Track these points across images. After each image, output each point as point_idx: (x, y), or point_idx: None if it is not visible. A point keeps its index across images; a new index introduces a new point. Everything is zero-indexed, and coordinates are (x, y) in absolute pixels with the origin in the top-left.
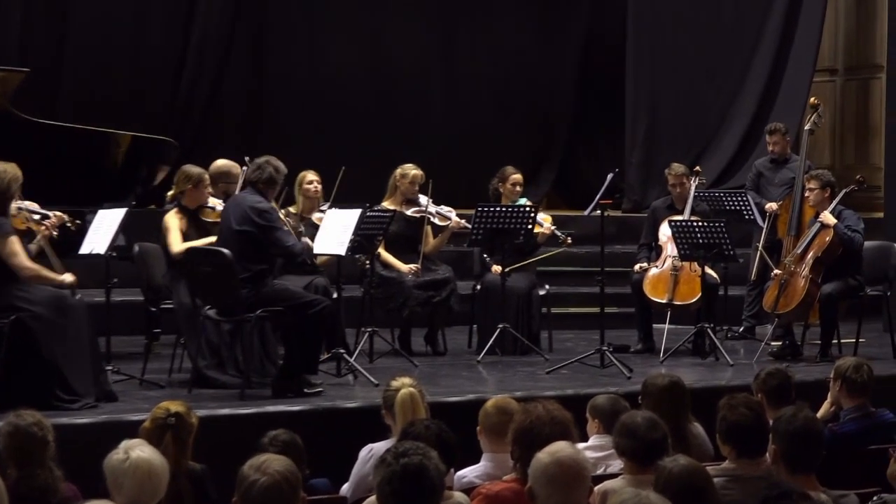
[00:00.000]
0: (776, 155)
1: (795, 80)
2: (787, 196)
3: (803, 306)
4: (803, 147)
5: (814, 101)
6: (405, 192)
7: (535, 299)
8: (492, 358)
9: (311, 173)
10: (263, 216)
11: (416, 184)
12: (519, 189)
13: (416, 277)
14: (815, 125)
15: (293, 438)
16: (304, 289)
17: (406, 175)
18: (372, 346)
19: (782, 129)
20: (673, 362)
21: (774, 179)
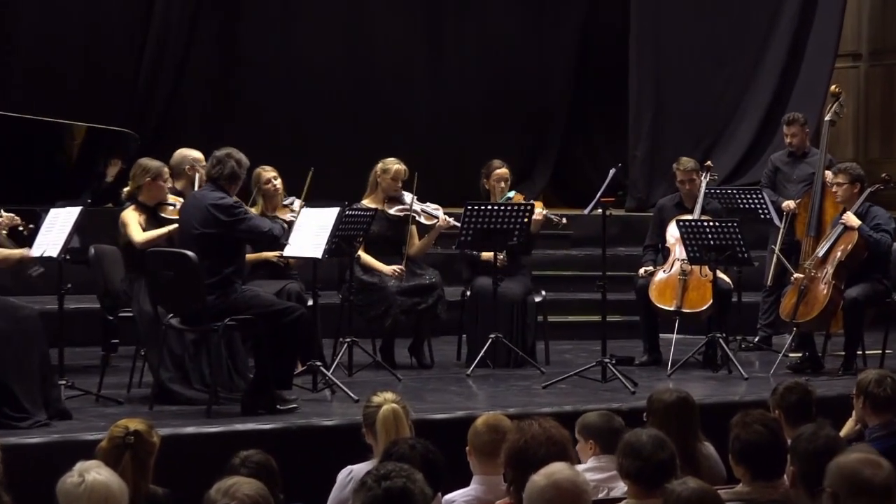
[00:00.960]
0: (794, 148)
1: (815, 66)
2: (806, 193)
3: (825, 315)
4: (824, 139)
5: (835, 88)
6: (387, 188)
7: (531, 306)
8: (483, 371)
9: (268, 170)
10: (230, 212)
11: (398, 180)
12: (504, 185)
13: (399, 281)
14: (836, 115)
15: (267, 460)
16: (276, 295)
17: (388, 170)
18: (351, 357)
19: (801, 119)
20: (681, 376)
21: (792, 175)
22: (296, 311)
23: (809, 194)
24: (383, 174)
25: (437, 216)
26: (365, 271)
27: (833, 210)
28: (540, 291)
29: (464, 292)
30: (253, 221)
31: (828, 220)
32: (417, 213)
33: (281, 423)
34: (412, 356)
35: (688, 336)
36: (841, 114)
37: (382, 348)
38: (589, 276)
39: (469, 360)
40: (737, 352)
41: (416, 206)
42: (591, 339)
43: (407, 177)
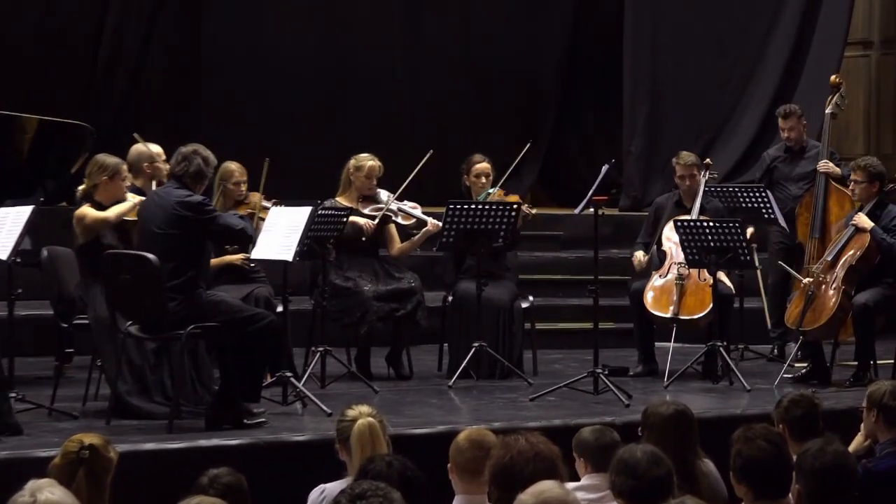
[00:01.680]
0: (791, 143)
1: (823, 55)
2: (808, 192)
3: (834, 322)
4: (825, 134)
5: (835, 79)
6: (361, 187)
7: (517, 313)
8: (466, 382)
9: (239, 171)
10: (200, 210)
11: (373, 177)
12: (485, 181)
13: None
14: (837, 108)
15: (239, 482)
16: (243, 300)
17: (361, 167)
18: (324, 368)
19: (797, 111)
20: (679, 387)
21: (791, 173)
22: (264, 317)
23: (812, 193)
24: (356, 171)
25: (415, 216)
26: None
27: (838, 210)
28: (527, 297)
29: (445, 297)
30: (225, 219)
31: (832, 220)
32: (394, 212)
33: (248, 439)
34: (390, 366)
35: (686, 345)
36: (843, 106)
37: (357, 358)
38: (580, 280)
39: (451, 371)
40: (738, 362)
41: (393, 204)
42: (582, 348)
43: (381, 174)
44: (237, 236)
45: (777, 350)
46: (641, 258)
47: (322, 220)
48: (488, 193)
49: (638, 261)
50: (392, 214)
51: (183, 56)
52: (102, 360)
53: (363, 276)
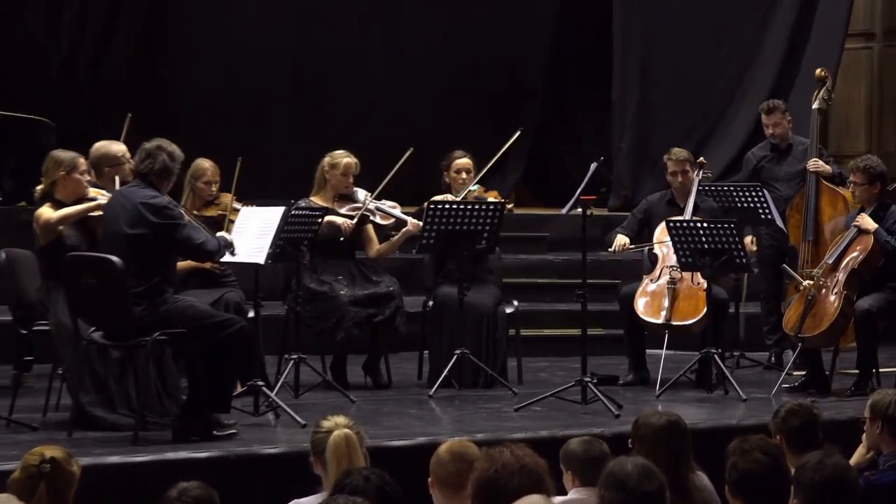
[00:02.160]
0: (777, 140)
1: (822, 47)
2: (799, 193)
3: (835, 328)
4: (813, 131)
5: (820, 72)
6: (336, 185)
7: (501, 318)
8: (447, 391)
9: (213, 170)
10: (162, 213)
11: (349, 175)
12: (466, 177)
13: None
14: (824, 102)
15: (210, 496)
16: (212, 306)
17: (336, 165)
18: (298, 376)
19: (782, 106)
20: (671, 397)
21: (780, 172)
22: (235, 323)
23: (803, 194)
24: (331, 169)
25: (394, 215)
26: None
27: (831, 210)
28: (512, 301)
29: (425, 302)
30: (187, 230)
31: (825, 221)
32: (371, 212)
33: (218, 452)
34: (367, 375)
35: (678, 352)
36: (830, 100)
37: (333, 366)
38: (567, 284)
39: (431, 380)
40: (734, 370)
41: (371, 203)
42: (570, 356)
43: (358, 171)
44: (196, 251)
45: (774, 358)
46: (625, 241)
47: (296, 220)
48: (470, 191)
49: (620, 243)
50: (370, 214)
51: (148, 47)
52: (64, 369)
53: (339, 279)
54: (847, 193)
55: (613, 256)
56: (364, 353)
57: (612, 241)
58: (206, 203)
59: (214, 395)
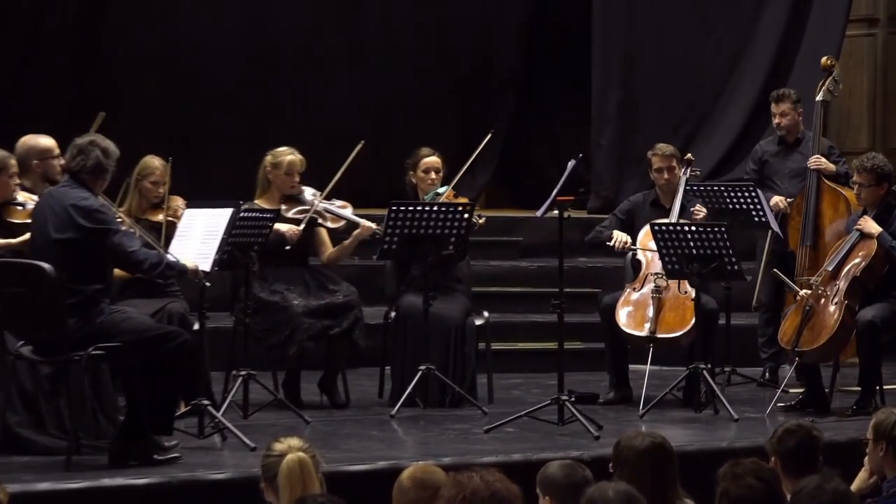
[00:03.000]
0: (784, 132)
1: (822, 34)
2: (800, 194)
3: (835, 342)
4: (817, 124)
5: (827, 61)
6: (281, 185)
7: (470, 331)
8: (411, 411)
9: (163, 169)
10: (93, 217)
11: (294, 173)
12: (434, 177)
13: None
14: (829, 94)
15: None
16: (153, 317)
17: (279, 163)
18: (247, 395)
19: (792, 95)
20: (657, 417)
21: (784, 168)
22: (178, 337)
23: (803, 193)
24: (274, 169)
25: (344, 216)
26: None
27: (832, 212)
28: (482, 312)
29: (387, 313)
30: (119, 236)
31: (825, 224)
32: (321, 214)
33: (159, 477)
34: (323, 393)
35: (664, 367)
36: (836, 92)
37: (286, 383)
38: (542, 293)
39: (393, 398)
40: (724, 387)
41: (320, 205)
42: (545, 372)
43: (304, 168)
44: (125, 260)
45: (769, 373)
46: (627, 238)
47: (245, 223)
48: (437, 193)
49: (622, 240)
50: (319, 216)
51: (82, 38)
52: None
53: (292, 288)
54: (850, 194)
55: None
56: (320, 368)
57: (612, 238)
58: (153, 206)
59: (155, 415)
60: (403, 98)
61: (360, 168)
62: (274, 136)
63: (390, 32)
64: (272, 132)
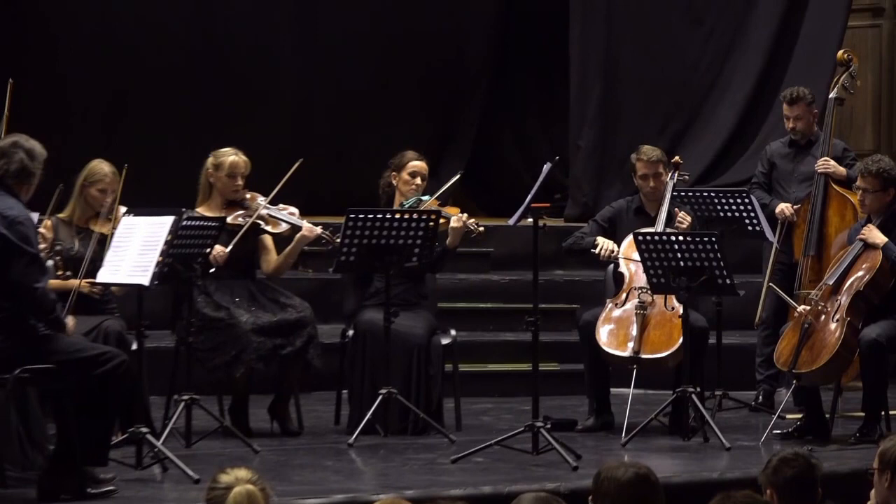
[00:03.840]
0: (797, 135)
1: (822, 24)
2: (806, 200)
3: (836, 362)
4: (829, 124)
5: (843, 54)
6: (224, 189)
7: (436, 351)
8: (371, 439)
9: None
10: (14, 228)
11: (237, 176)
12: (420, 184)
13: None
14: (844, 91)
15: None
16: (87, 336)
17: (221, 164)
18: (189, 421)
19: (808, 96)
20: (641, 445)
21: (794, 172)
22: (114, 358)
23: (809, 200)
24: (215, 171)
25: (285, 220)
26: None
27: (839, 220)
28: (448, 330)
29: (344, 331)
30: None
31: (832, 233)
32: (264, 219)
33: None
34: (273, 419)
35: (649, 391)
36: (852, 88)
37: (232, 408)
38: (515, 309)
39: (351, 425)
40: (716, 412)
41: (263, 210)
42: (519, 396)
43: (248, 171)
44: (20, 294)
45: (764, 397)
46: (614, 246)
47: (187, 232)
48: (419, 200)
49: (608, 248)
50: (262, 221)
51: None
52: None
53: (239, 303)
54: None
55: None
56: (270, 392)
57: (596, 245)
58: (98, 215)
59: (89, 444)
60: (360, 100)
61: (315, 172)
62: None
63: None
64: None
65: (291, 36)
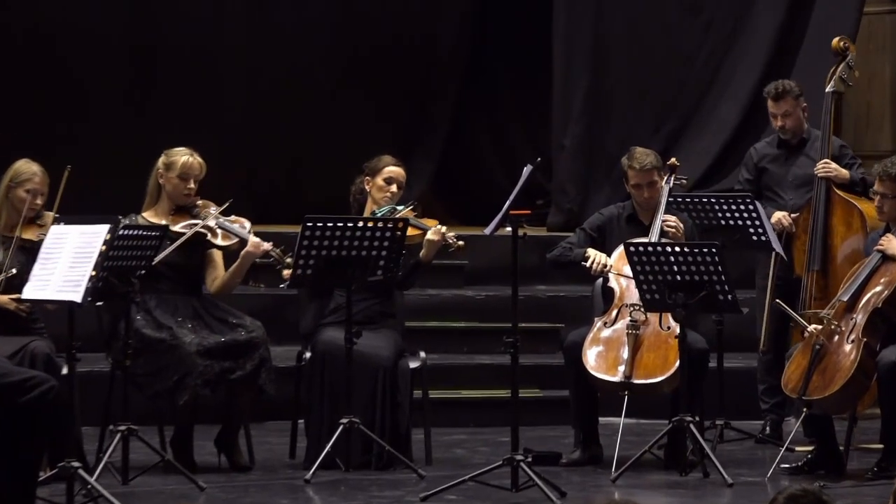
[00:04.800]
0: (787, 134)
1: (833, 12)
2: (806, 207)
3: (852, 389)
4: (827, 121)
5: (839, 42)
6: (174, 193)
7: (404, 375)
8: (330, 475)
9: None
10: None
11: (190, 179)
12: (396, 191)
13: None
14: (842, 83)
15: None
16: (11, 359)
17: (173, 164)
18: (126, 455)
19: (795, 89)
20: (633, 480)
21: (788, 176)
22: (41, 384)
23: (810, 208)
24: (167, 171)
25: (234, 232)
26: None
27: (844, 230)
28: (418, 353)
29: (301, 354)
30: None
31: (838, 243)
32: (210, 230)
33: None
34: (221, 452)
35: (642, 421)
36: (850, 80)
37: (175, 440)
38: (492, 329)
39: (309, 459)
40: (716, 444)
41: (211, 220)
42: (496, 426)
43: (204, 173)
44: None
45: (771, 428)
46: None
47: (125, 243)
48: (394, 209)
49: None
50: (207, 233)
51: None
52: None
53: (183, 322)
54: (867, 206)
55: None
56: (217, 422)
57: (587, 258)
58: (28, 221)
59: (13, 480)
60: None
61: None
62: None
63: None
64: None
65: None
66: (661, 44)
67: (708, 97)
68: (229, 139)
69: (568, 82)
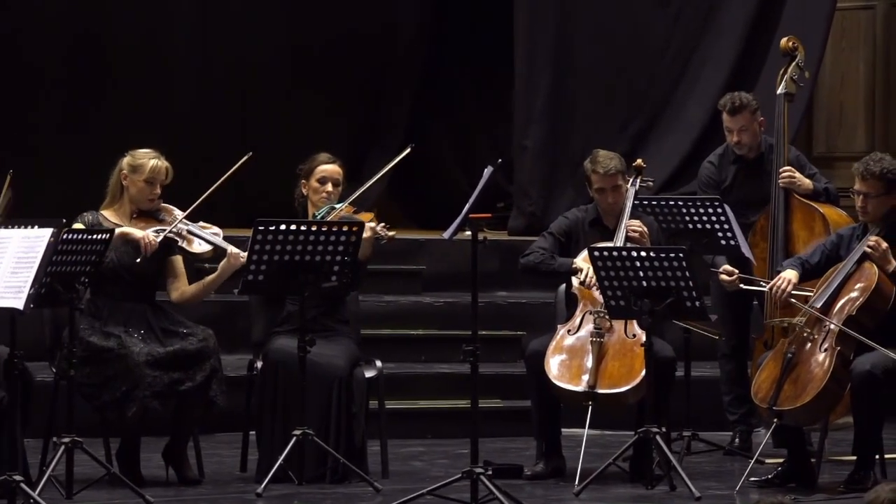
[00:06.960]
0: (743, 149)
1: (807, 7)
2: (764, 213)
3: (825, 399)
4: (781, 125)
5: (787, 42)
6: (138, 196)
7: (359, 385)
8: (283, 488)
9: None
10: None
11: (156, 183)
12: (332, 190)
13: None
14: (793, 83)
15: None
16: None
17: (139, 167)
18: (71, 468)
19: (752, 103)
20: (597, 494)
21: (750, 195)
22: None
23: (768, 215)
24: (132, 173)
25: (212, 241)
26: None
27: (806, 233)
28: (373, 362)
29: (252, 363)
30: None
31: (799, 250)
32: (182, 236)
33: None
34: (169, 465)
35: (607, 432)
36: (801, 81)
37: (121, 453)
38: (450, 336)
39: (260, 472)
40: (683, 456)
41: (182, 225)
42: (455, 437)
43: (170, 179)
44: None
45: (740, 439)
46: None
47: (70, 247)
48: (332, 208)
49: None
50: (178, 239)
51: None
52: None
53: (131, 330)
54: (829, 210)
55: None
56: (165, 434)
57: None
58: None
59: None
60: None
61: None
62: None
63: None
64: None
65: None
66: (626, 39)
67: (675, 95)
68: (178, 136)
69: (529, 80)
